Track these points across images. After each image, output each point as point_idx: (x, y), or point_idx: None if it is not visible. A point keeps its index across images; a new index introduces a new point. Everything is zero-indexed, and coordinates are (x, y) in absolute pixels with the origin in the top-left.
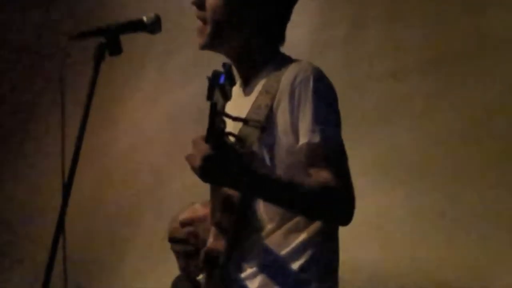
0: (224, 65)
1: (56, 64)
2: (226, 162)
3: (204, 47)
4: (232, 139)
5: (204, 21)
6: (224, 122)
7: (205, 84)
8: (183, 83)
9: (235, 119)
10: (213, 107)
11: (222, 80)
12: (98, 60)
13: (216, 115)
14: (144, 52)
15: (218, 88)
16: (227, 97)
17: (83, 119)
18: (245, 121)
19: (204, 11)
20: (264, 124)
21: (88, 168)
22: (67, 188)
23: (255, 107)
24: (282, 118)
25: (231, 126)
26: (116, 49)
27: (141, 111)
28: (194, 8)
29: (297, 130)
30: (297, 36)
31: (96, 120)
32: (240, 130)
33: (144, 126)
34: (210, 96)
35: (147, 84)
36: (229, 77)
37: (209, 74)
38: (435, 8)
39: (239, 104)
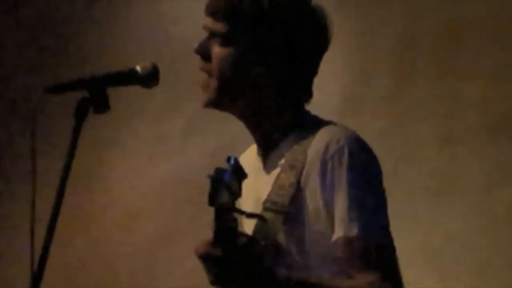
0: (229, 159)
1: (28, 122)
2: (240, 267)
3: (208, 104)
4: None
5: (209, 74)
6: (235, 220)
7: (208, 149)
8: (182, 148)
9: (250, 215)
10: (219, 212)
11: (227, 177)
12: (80, 119)
13: (224, 214)
14: (136, 108)
15: (223, 186)
16: (235, 194)
17: (58, 196)
18: (261, 218)
19: (209, 62)
20: (289, 208)
21: (60, 254)
22: (36, 279)
23: (277, 186)
24: (312, 201)
25: (251, 201)
26: (102, 105)
27: (127, 182)
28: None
29: (332, 216)
30: (327, 93)
31: (71, 195)
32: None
33: (130, 202)
34: (212, 200)
35: (136, 148)
36: (237, 172)
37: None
38: (499, 59)
39: (258, 181)
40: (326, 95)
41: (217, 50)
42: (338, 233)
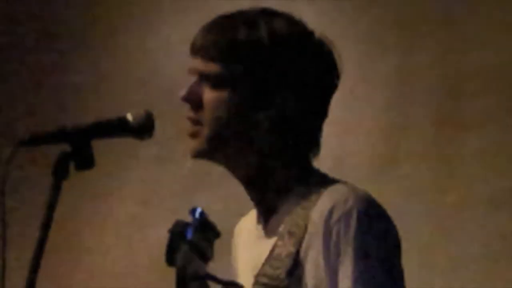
0: (193, 211)
1: None
2: None
3: (198, 154)
4: None
5: (198, 123)
6: None
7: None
8: (173, 213)
9: (227, 284)
10: (180, 276)
11: (189, 235)
12: (59, 177)
13: (189, 280)
14: (121, 165)
15: (186, 245)
16: (204, 255)
17: (31, 272)
18: (240, 287)
19: (199, 110)
20: (285, 283)
21: None
22: None
23: (273, 257)
24: (313, 275)
25: (250, 273)
26: (86, 160)
27: (109, 253)
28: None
29: None
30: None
31: (47, 268)
32: None
33: (114, 275)
34: (170, 258)
35: (120, 214)
36: (205, 228)
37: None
38: None
39: (257, 250)
40: (353, 152)
41: (209, 95)
42: None
